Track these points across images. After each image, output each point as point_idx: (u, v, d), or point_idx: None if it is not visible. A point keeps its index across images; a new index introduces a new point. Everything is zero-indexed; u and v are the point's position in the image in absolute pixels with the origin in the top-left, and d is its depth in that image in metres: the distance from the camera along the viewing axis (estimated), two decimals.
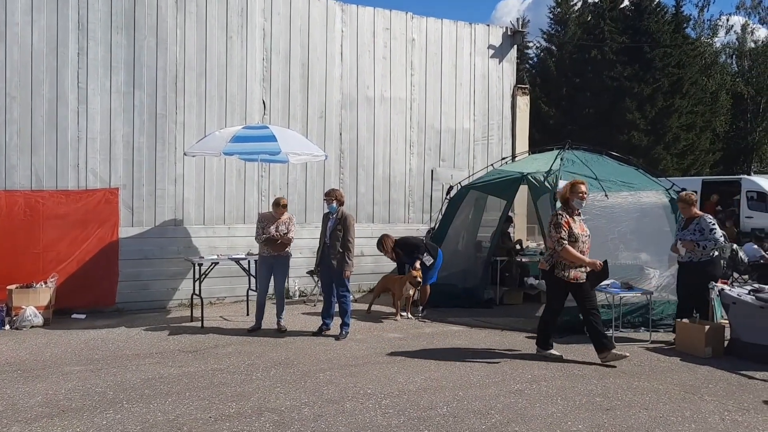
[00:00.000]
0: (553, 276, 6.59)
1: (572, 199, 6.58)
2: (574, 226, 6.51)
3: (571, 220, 6.53)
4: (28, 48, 8.78)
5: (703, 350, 6.89)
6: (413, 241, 9.32)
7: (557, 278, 6.54)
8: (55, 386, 5.71)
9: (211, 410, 5.11)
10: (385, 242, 9.31)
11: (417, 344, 7.46)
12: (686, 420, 5.00)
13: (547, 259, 6.66)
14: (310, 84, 10.64)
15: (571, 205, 6.60)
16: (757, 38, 38.75)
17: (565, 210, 6.60)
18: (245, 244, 9.59)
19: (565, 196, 6.65)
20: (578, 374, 6.23)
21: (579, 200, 6.58)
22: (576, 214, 6.63)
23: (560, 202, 6.76)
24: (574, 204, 6.60)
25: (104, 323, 8.42)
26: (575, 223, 6.55)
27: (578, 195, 6.56)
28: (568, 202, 6.61)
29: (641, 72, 29.59)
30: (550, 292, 6.82)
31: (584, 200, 6.66)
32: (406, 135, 11.46)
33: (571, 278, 6.48)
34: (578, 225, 6.57)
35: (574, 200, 6.57)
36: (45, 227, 8.80)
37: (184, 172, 9.69)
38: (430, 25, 11.68)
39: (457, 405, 5.27)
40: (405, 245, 9.23)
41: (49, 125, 8.90)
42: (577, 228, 6.53)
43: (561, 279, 6.51)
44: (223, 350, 7.07)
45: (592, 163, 9.12)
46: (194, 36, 9.75)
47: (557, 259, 6.50)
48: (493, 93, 12.24)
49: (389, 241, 9.31)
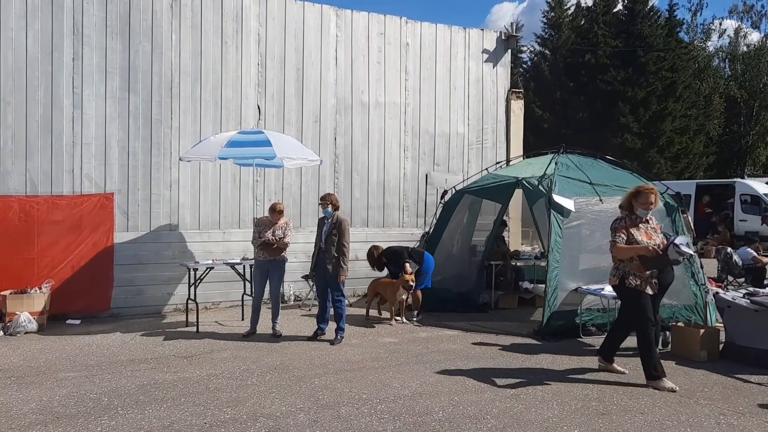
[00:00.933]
0: (624, 288, 6.05)
1: (637, 207, 6.08)
2: (637, 234, 5.99)
3: (633, 227, 6.03)
4: (22, 53, 8.76)
5: (699, 354, 6.91)
6: (396, 249, 9.33)
7: (630, 289, 6.00)
8: (50, 393, 5.69)
9: (207, 416, 5.10)
10: (374, 253, 9.39)
11: (412, 349, 7.46)
12: (682, 424, 5.01)
13: (613, 272, 6.16)
14: (305, 89, 10.65)
15: (635, 213, 6.10)
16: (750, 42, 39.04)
17: (627, 216, 6.12)
18: (240, 249, 9.59)
19: (628, 203, 6.16)
20: (574, 378, 6.24)
21: (644, 210, 6.07)
22: (642, 221, 6.10)
23: (624, 209, 6.22)
24: (639, 213, 6.09)
25: (99, 329, 8.39)
26: (639, 230, 6.03)
27: (644, 205, 6.05)
28: (632, 210, 6.12)
29: (635, 76, 29.75)
30: (628, 306, 6.15)
31: (649, 210, 6.11)
32: (401, 139, 11.48)
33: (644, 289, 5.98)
34: (643, 232, 6.04)
35: (638, 209, 6.08)
36: (40, 232, 8.77)
37: (179, 177, 9.68)
38: (425, 29, 11.72)
39: (452, 410, 5.27)
40: (390, 255, 9.27)
41: (43, 130, 8.88)
42: (641, 235, 6.00)
43: (635, 289, 5.97)
44: (218, 355, 7.06)
45: (586, 167, 9.15)
46: (189, 41, 9.75)
47: (624, 271, 6.02)
48: (488, 97, 12.27)
49: (377, 252, 9.39)
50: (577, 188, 8.56)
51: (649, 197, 6.03)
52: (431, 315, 9.21)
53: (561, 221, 8.18)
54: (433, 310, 9.35)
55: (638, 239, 5.95)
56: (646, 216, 6.11)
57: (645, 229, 6.08)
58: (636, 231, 6.01)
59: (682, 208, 8.79)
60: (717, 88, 36.23)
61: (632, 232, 5.99)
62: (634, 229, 6.01)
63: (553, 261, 8.02)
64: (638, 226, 6.05)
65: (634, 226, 6.04)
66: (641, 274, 5.95)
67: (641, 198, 6.06)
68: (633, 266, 5.97)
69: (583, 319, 8.02)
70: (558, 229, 8.13)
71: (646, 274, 5.96)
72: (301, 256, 9.94)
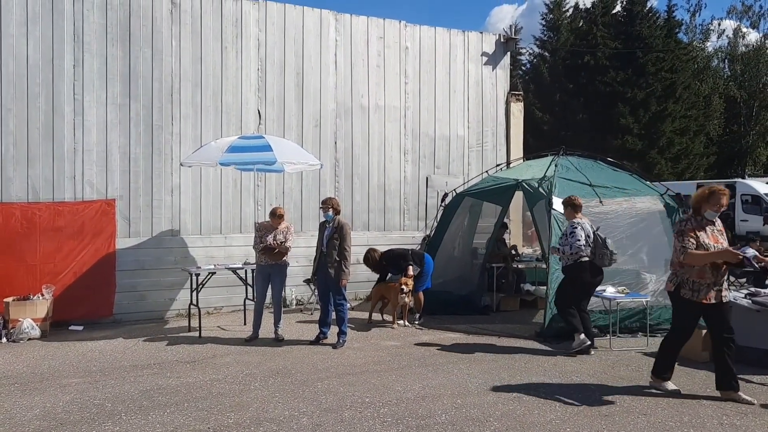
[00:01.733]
0: (679, 297, 5.72)
1: (706, 209, 5.70)
2: (703, 236, 5.60)
3: (700, 230, 5.64)
4: (23, 60, 8.80)
5: (701, 354, 6.92)
6: (399, 252, 9.31)
7: (684, 300, 5.68)
8: (53, 399, 5.70)
9: (210, 421, 5.11)
10: (371, 256, 9.33)
11: (414, 352, 7.47)
12: (685, 425, 5.02)
13: (671, 278, 5.83)
14: (305, 93, 10.68)
15: (702, 214, 5.73)
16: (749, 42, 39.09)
17: (693, 217, 5.75)
18: (242, 254, 9.61)
19: (697, 203, 5.76)
20: (576, 380, 6.25)
21: (713, 212, 5.70)
22: (709, 223, 5.71)
23: (692, 209, 5.85)
24: (707, 215, 5.71)
25: (102, 335, 8.40)
26: (706, 233, 5.64)
27: (714, 207, 5.66)
28: (700, 211, 5.73)
29: (634, 77, 29.78)
30: (676, 315, 5.90)
31: (719, 212, 5.74)
32: (401, 143, 11.50)
33: (702, 299, 5.58)
34: (709, 235, 5.64)
35: (707, 211, 5.69)
36: (42, 239, 8.80)
37: (180, 182, 9.70)
38: (424, 33, 11.75)
39: (455, 413, 5.28)
40: (390, 258, 9.25)
41: (45, 137, 8.91)
42: (709, 238, 5.62)
43: (689, 301, 5.64)
44: (221, 360, 7.07)
45: (586, 169, 9.17)
46: (189, 47, 9.78)
47: (683, 278, 5.67)
48: (487, 100, 12.30)
49: (375, 254, 9.33)
50: (577, 190, 8.55)
51: (722, 199, 5.65)
52: (433, 318, 9.22)
53: (561, 223, 8.18)
54: (434, 313, 9.36)
55: (704, 242, 5.58)
56: (712, 218, 5.73)
57: (711, 231, 5.69)
58: (702, 234, 5.62)
59: (683, 208, 8.80)
60: (716, 89, 36.29)
61: (699, 234, 5.61)
62: (701, 232, 5.63)
63: (554, 263, 8.03)
64: (705, 229, 5.66)
65: (701, 228, 5.66)
66: (702, 280, 5.57)
67: (713, 199, 5.66)
68: (693, 272, 5.60)
69: None
70: (558, 231, 8.14)
71: (707, 281, 5.57)
72: (303, 261, 9.96)
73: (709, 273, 5.56)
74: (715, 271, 5.57)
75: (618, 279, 8.15)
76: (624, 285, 8.02)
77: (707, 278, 5.56)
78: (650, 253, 8.57)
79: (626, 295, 7.77)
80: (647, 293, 8.06)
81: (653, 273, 8.40)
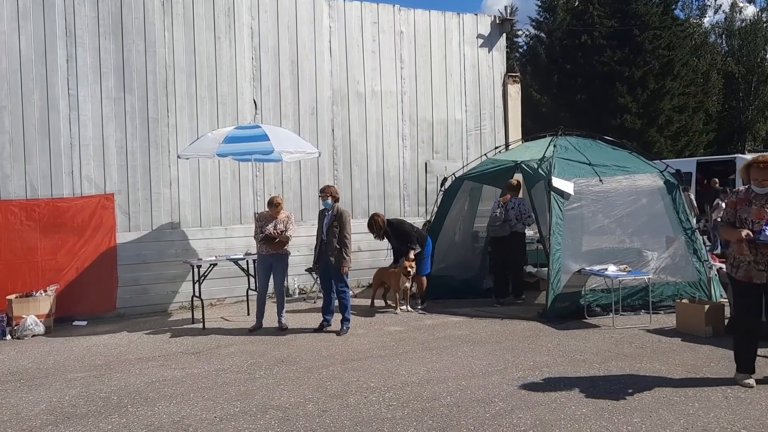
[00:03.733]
0: (728, 274, 5.40)
1: (749, 181, 5.28)
2: (744, 210, 5.21)
3: (745, 203, 5.24)
4: (16, 56, 8.74)
5: (704, 330, 6.93)
6: (407, 228, 9.17)
7: (730, 277, 5.34)
8: (59, 393, 5.72)
9: (216, 410, 5.13)
10: (376, 221, 9.12)
11: (418, 336, 7.48)
12: (689, 399, 5.03)
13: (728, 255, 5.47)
14: (301, 81, 10.62)
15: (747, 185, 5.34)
16: (746, 17, 38.83)
17: (744, 189, 5.35)
18: (243, 245, 9.60)
19: (745, 174, 5.35)
20: (580, 359, 6.26)
21: (757, 186, 5.22)
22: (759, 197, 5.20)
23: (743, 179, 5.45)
24: (754, 188, 5.25)
25: (106, 329, 8.42)
26: (750, 206, 5.20)
27: (755, 181, 5.21)
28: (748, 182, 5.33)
29: (631, 55, 29.57)
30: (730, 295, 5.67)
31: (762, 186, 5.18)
32: (398, 128, 11.45)
33: (741, 277, 5.25)
34: (753, 209, 5.17)
35: (752, 183, 5.27)
36: (42, 236, 8.79)
37: (178, 174, 9.67)
38: (418, 16, 11.66)
39: (460, 395, 5.29)
40: (397, 230, 9.11)
41: (41, 133, 8.87)
42: (750, 213, 5.17)
43: (733, 278, 5.33)
44: (225, 350, 7.08)
45: (585, 148, 9.13)
46: (182, 38, 9.72)
47: (731, 254, 5.33)
48: (484, 82, 12.22)
49: (380, 220, 9.13)
50: (577, 170, 8.55)
51: (759, 173, 5.15)
52: (436, 302, 9.23)
53: (561, 203, 8.16)
54: (437, 297, 9.37)
55: (743, 216, 5.18)
56: (762, 192, 5.19)
57: (759, 205, 5.17)
58: (745, 207, 5.22)
59: (683, 185, 8.77)
60: (714, 65, 36.07)
61: (740, 208, 5.24)
62: (745, 205, 5.22)
63: (555, 243, 8.02)
64: (751, 201, 5.21)
65: (747, 201, 5.22)
66: (741, 256, 5.21)
67: (752, 172, 5.22)
68: (735, 248, 5.27)
69: (588, 300, 8.03)
70: (558, 211, 8.13)
71: (746, 257, 5.17)
72: (304, 249, 9.94)
73: (746, 250, 5.16)
74: (753, 249, 5.14)
75: (620, 257, 8.15)
76: (626, 263, 8.02)
77: (746, 255, 5.17)
78: (651, 230, 8.56)
79: (628, 273, 7.77)
80: (649, 271, 8.05)
81: (654, 250, 8.39)
